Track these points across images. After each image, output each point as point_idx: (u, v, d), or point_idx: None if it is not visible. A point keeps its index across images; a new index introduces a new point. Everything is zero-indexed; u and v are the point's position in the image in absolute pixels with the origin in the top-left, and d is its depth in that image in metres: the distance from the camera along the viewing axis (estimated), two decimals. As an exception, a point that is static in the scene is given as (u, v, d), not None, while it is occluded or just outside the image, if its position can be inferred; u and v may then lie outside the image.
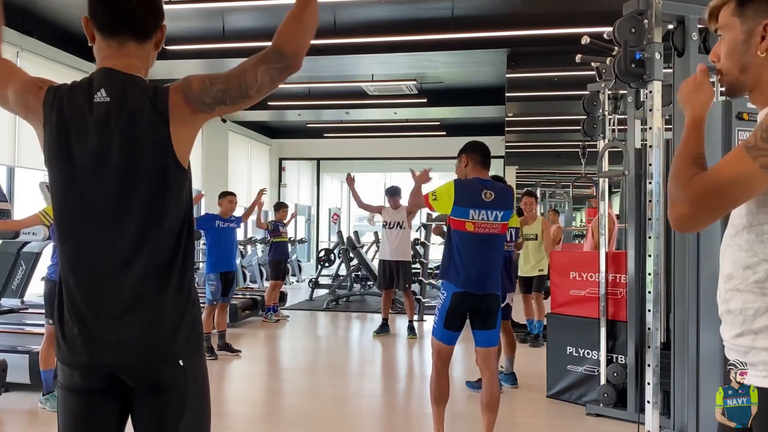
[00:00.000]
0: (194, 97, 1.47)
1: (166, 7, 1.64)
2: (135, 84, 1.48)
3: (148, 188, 1.45)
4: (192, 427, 1.50)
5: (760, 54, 1.27)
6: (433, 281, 9.17)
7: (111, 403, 1.50)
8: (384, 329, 7.46)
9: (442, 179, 3.61)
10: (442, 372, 3.40)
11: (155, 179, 1.45)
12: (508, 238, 4.83)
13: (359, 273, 10.69)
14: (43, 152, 1.50)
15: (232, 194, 6.44)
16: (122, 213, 1.45)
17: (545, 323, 6.92)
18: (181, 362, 1.47)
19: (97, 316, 1.45)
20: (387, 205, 7.53)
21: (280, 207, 8.71)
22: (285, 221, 8.62)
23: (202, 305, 6.29)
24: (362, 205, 7.40)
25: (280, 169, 15.96)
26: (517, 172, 11.05)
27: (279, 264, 8.47)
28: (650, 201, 3.22)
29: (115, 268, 1.45)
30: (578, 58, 4.59)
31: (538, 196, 11.25)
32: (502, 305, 4.81)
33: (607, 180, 4.61)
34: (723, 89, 1.40)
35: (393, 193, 7.42)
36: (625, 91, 4.27)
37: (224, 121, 12.96)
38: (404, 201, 7.46)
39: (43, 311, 6.17)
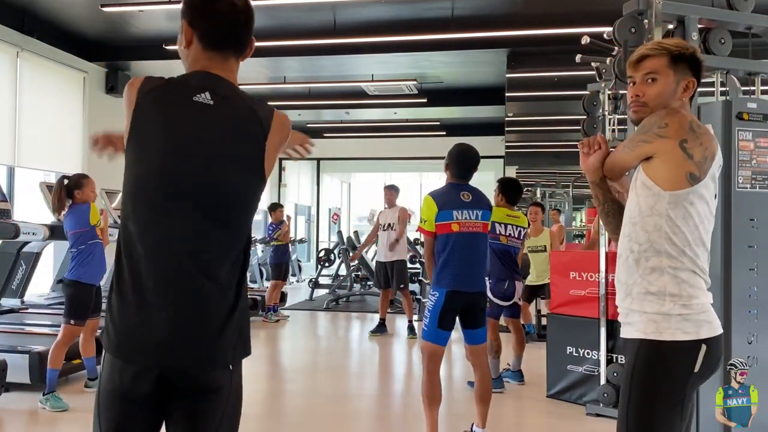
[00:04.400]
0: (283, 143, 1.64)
1: (166, 7, 1.67)
2: (239, 92, 1.58)
3: (236, 188, 1.53)
4: (232, 422, 1.56)
5: (680, 100, 1.81)
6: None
7: (151, 409, 1.50)
8: (381, 329, 7.46)
9: (441, 179, 3.62)
10: (435, 374, 3.40)
11: (243, 181, 1.54)
12: (516, 236, 4.85)
13: (359, 273, 10.69)
14: (125, 138, 1.54)
15: None
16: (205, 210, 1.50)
17: (533, 323, 7.11)
18: (231, 367, 1.52)
19: (166, 313, 1.46)
20: (384, 206, 7.53)
21: (275, 208, 8.70)
22: (282, 222, 8.60)
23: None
24: (372, 237, 7.77)
25: (280, 169, 15.95)
26: (517, 172, 11.04)
27: (280, 266, 8.48)
28: (650, 201, 3.22)
29: (190, 263, 1.47)
30: (578, 58, 4.59)
31: (539, 196, 11.30)
32: (510, 303, 4.85)
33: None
34: (633, 116, 1.85)
35: (390, 187, 7.43)
36: (625, 91, 4.27)
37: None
38: (402, 201, 7.48)
39: (44, 311, 6.21)
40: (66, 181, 4.32)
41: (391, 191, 7.38)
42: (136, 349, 1.46)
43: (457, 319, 3.44)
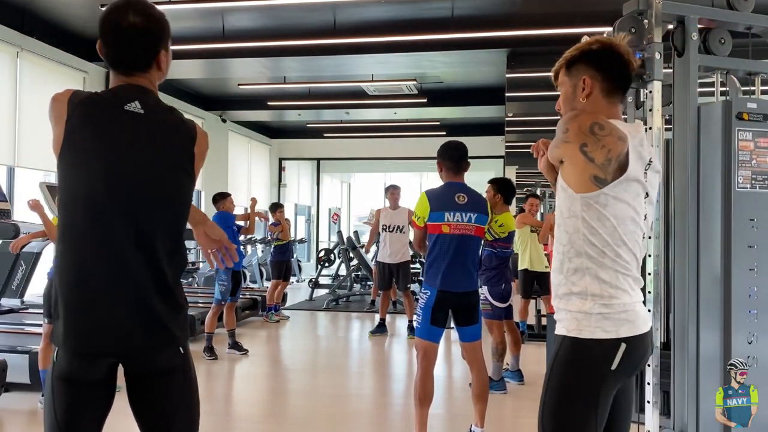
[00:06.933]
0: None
1: (166, 7, 1.72)
2: (163, 104, 1.73)
3: (174, 188, 1.68)
4: (191, 397, 1.74)
5: (582, 100, 1.82)
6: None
7: (104, 391, 1.66)
8: (380, 329, 7.46)
9: (440, 179, 3.62)
10: (429, 373, 3.41)
11: (179, 181, 1.69)
12: (506, 240, 4.84)
13: (359, 273, 10.69)
14: (57, 148, 1.65)
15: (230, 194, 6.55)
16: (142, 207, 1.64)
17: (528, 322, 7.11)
18: (182, 349, 1.70)
19: (110, 305, 1.60)
20: (386, 205, 7.52)
21: (276, 208, 8.69)
22: (280, 222, 8.58)
23: (208, 305, 6.34)
24: (373, 236, 7.70)
25: (280, 169, 15.95)
26: (517, 172, 11.03)
27: (281, 265, 8.47)
28: (650, 201, 3.22)
29: (132, 260, 1.60)
30: (578, 58, 4.57)
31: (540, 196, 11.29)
32: (505, 305, 4.85)
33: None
34: None
35: (394, 186, 7.43)
36: (625, 91, 4.27)
37: (224, 121, 12.95)
38: (404, 201, 7.47)
39: (43, 311, 6.20)
40: None
41: (396, 191, 7.38)
42: (90, 340, 1.59)
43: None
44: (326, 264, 11.73)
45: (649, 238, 3.22)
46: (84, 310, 1.58)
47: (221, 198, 6.41)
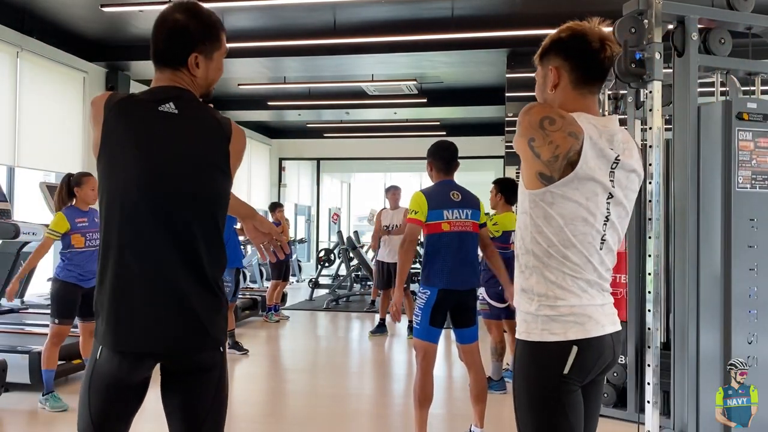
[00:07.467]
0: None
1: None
2: (200, 102, 1.75)
3: (211, 187, 1.68)
4: (224, 396, 1.76)
5: (550, 91, 1.76)
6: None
7: (139, 391, 1.69)
8: (380, 329, 7.46)
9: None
10: (429, 374, 3.39)
11: (216, 180, 1.69)
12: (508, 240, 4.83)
13: (359, 273, 10.69)
14: (96, 150, 1.66)
15: None
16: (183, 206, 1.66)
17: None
18: (221, 348, 1.72)
19: (151, 306, 1.62)
20: (386, 205, 7.52)
21: (275, 207, 8.69)
22: (280, 222, 8.58)
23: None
24: (376, 237, 7.54)
25: (280, 169, 15.94)
26: (516, 173, 11.04)
27: (280, 265, 8.47)
28: (650, 201, 3.22)
29: (171, 260, 1.62)
30: (578, 58, 4.57)
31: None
32: (503, 305, 4.84)
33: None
34: None
35: (395, 187, 7.43)
36: (625, 91, 4.27)
37: (224, 121, 12.95)
38: (404, 201, 7.47)
39: (44, 311, 6.20)
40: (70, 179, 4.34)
41: (397, 192, 7.38)
42: (138, 340, 1.61)
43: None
44: (326, 264, 11.72)
45: (649, 238, 3.22)
46: (127, 311, 1.60)
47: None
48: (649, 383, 3.12)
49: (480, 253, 3.65)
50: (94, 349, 1.66)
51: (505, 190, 4.91)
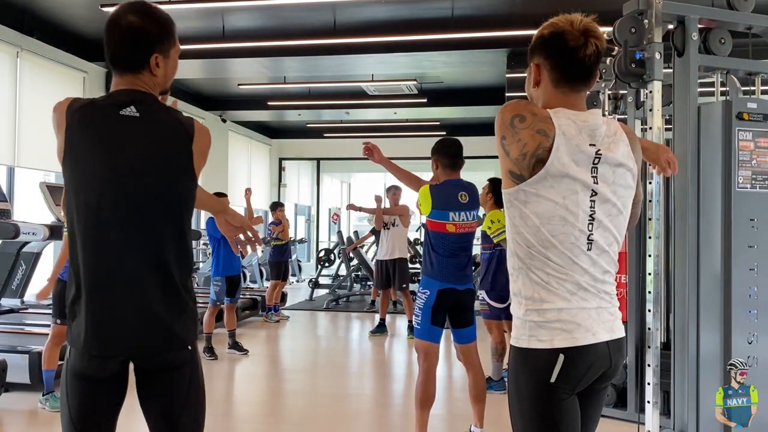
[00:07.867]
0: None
1: (166, 7, 1.72)
2: (161, 104, 1.74)
3: (174, 188, 1.69)
4: (198, 393, 1.76)
5: (532, 88, 1.72)
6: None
7: (115, 385, 1.69)
8: (381, 329, 7.45)
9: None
10: (431, 374, 3.37)
11: (180, 182, 1.70)
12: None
13: (359, 273, 10.69)
14: (61, 156, 1.69)
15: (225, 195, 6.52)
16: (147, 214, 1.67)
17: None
18: (189, 347, 1.73)
19: (117, 308, 1.64)
20: (386, 205, 7.52)
21: (276, 207, 8.69)
22: (281, 222, 8.58)
23: (204, 305, 6.35)
24: (383, 213, 7.23)
25: (280, 169, 15.94)
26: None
27: (279, 265, 8.47)
28: (650, 201, 3.22)
29: (137, 263, 1.63)
30: (578, 58, 4.57)
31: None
32: (503, 306, 4.84)
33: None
34: None
35: (395, 187, 7.42)
36: (625, 91, 4.27)
37: (224, 121, 12.95)
38: (404, 202, 7.47)
39: (44, 311, 6.20)
40: None
41: (398, 192, 7.38)
42: (104, 345, 1.63)
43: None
44: (326, 264, 11.73)
45: (649, 238, 3.22)
46: (93, 315, 1.62)
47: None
48: (649, 383, 3.12)
49: (476, 251, 3.65)
50: (68, 349, 1.69)
51: (497, 191, 4.89)
